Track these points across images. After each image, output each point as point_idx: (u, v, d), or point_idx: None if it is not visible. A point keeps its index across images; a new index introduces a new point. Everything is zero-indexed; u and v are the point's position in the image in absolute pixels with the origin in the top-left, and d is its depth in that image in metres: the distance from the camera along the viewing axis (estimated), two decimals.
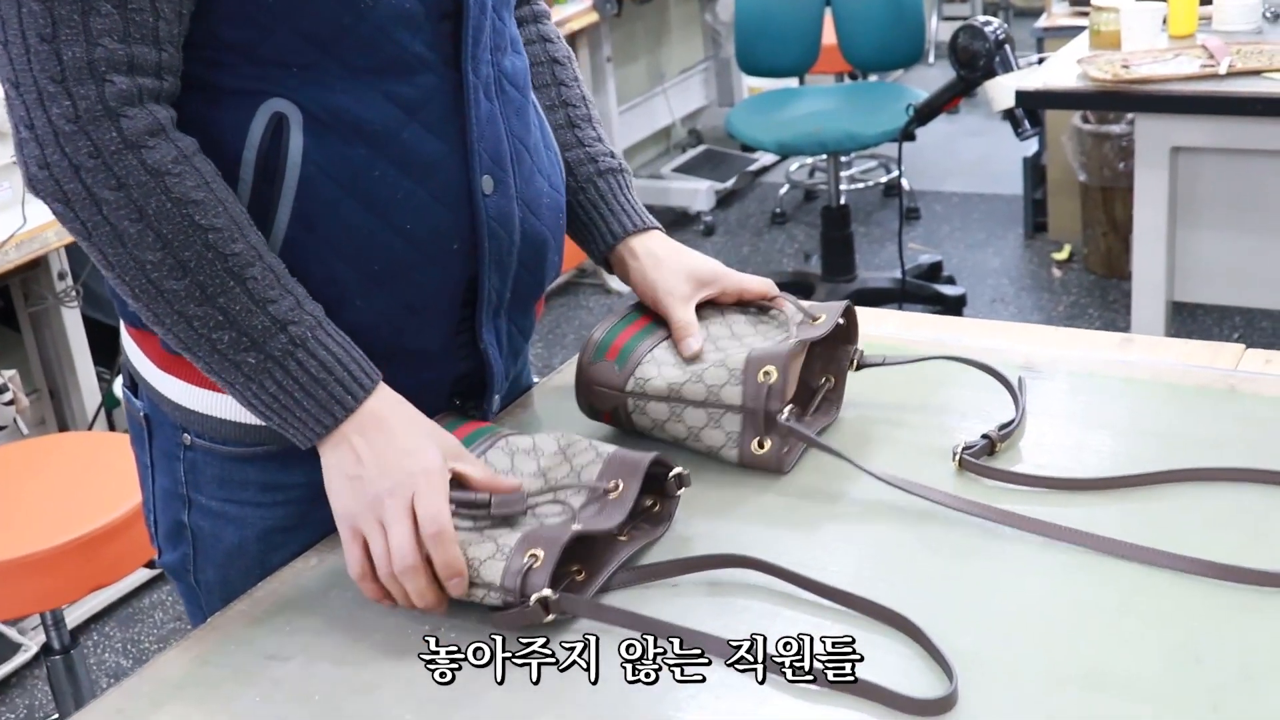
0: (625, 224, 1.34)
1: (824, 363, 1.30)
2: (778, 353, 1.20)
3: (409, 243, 1.14)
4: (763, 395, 1.19)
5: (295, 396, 1.08)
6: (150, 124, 1.05)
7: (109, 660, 2.88)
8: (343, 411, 1.08)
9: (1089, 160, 4.04)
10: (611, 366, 1.25)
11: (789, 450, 1.21)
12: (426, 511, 1.04)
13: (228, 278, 1.06)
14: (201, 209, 1.06)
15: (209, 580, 1.25)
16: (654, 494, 1.15)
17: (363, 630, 1.07)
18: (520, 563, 1.03)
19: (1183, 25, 2.94)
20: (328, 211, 1.12)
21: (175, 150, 1.06)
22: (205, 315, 1.06)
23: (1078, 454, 1.21)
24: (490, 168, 1.17)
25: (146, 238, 1.04)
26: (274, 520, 1.21)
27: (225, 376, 1.09)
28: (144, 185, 1.04)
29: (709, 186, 4.99)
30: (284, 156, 1.10)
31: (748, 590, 1.06)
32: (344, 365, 1.09)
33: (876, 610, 1.01)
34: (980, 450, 1.18)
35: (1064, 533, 1.08)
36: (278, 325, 1.07)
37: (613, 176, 1.36)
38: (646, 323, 1.30)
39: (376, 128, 1.12)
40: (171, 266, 1.05)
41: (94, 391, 3.06)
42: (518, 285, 1.24)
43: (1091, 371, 1.34)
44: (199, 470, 1.22)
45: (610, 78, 4.78)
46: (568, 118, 1.36)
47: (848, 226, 4.24)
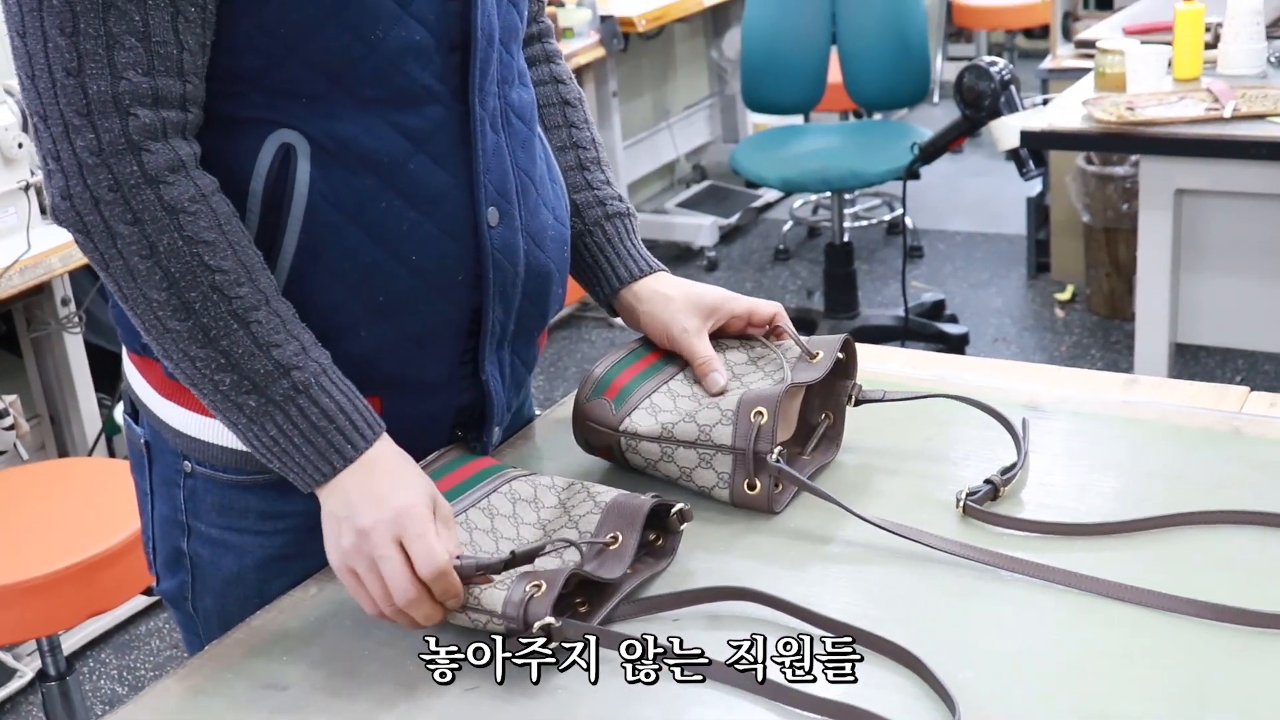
0: (631, 269, 1.34)
1: (823, 399, 1.30)
2: (770, 395, 1.20)
3: (414, 274, 1.14)
4: (753, 436, 1.19)
5: (295, 442, 1.08)
6: (171, 160, 1.05)
7: (104, 688, 2.87)
8: (341, 461, 1.08)
9: (1093, 201, 4.05)
10: (608, 405, 1.25)
11: (781, 490, 1.21)
12: (419, 551, 1.04)
13: (231, 320, 1.06)
14: (211, 250, 1.06)
15: (207, 608, 1.24)
16: (657, 529, 1.15)
17: (361, 661, 1.07)
18: (522, 592, 1.03)
19: (1188, 69, 2.95)
20: (333, 241, 1.12)
21: (194, 189, 1.06)
22: (208, 357, 1.06)
23: (1082, 495, 1.20)
24: (495, 199, 1.18)
25: (154, 275, 1.05)
26: (273, 549, 1.21)
27: (228, 416, 1.09)
28: (158, 221, 1.04)
29: (713, 222, 5.00)
30: (291, 187, 1.11)
31: (749, 623, 1.05)
32: (346, 414, 1.09)
33: (878, 643, 1.01)
34: (984, 496, 1.17)
35: (1067, 576, 1.07)
36: (280, 370, 1.07)
37: (620, 221, 1.36)
38: (652, 360, 1.30)
39: (383, 158, 1.12)
40: (176, 307, 1.05)
41: (95, 417, 3.05)
42: (521, 317, 1.24)
43: (1096, 412, 1.34)
44: (199, 498, 1.21)
45: (615, 112, 4.80)
46: (578, 160, 1.36)
47: (851, 264, 4.25)
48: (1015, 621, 1.04)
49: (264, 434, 1.08)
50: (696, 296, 1.31)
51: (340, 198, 1.11)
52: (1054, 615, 1.05)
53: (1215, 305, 2.88)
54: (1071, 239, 4.38)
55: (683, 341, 1.29)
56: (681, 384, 1.28)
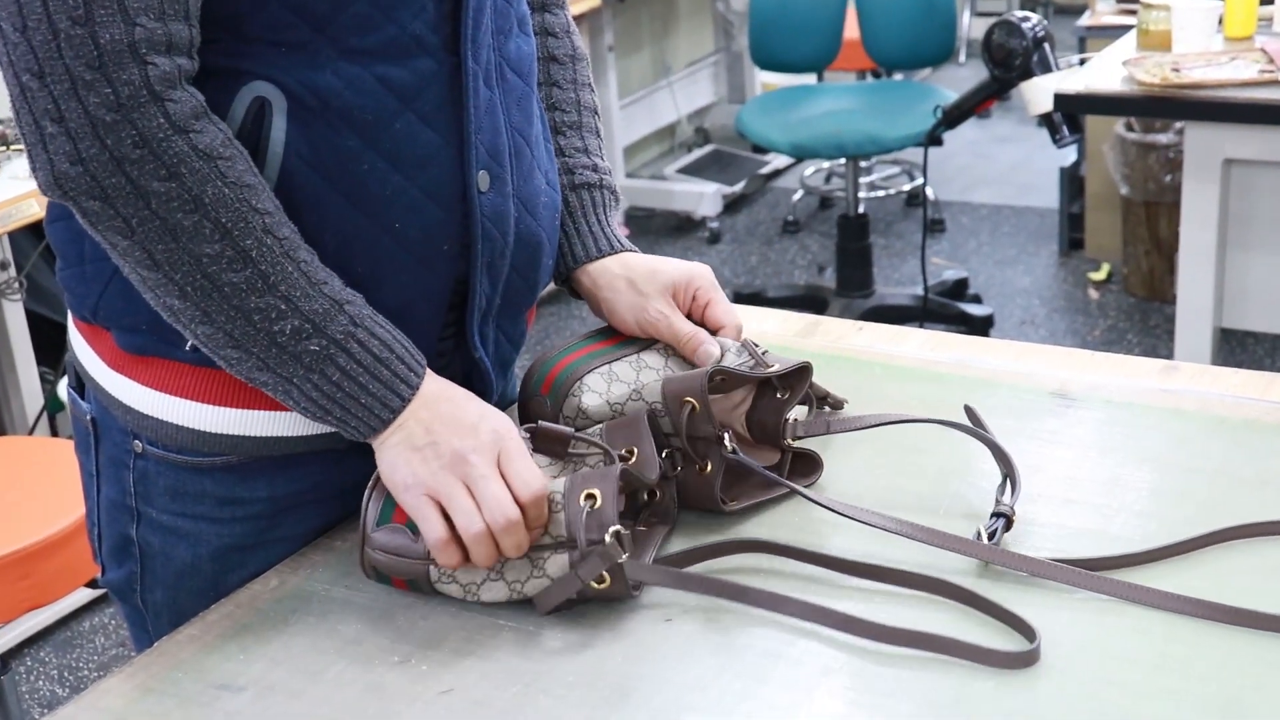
0: (589, 246, 1.33)
1: (764, 439, 1.25)
2: (692, 379, 1.18)
3: (396, 242, 1.14)
4: (683, 425, 1.17)
5: (360, 381, 1.10)
6: (195, 107, 1.06)
7: (43, 689, 2.87)
8: (408, 389, 1.11)
9: (1132, 172, 4.05)
10: (544, 402, 1.25)
11: (735, 495, 1.20)
12: (520, 472, 1.08)
13: (286, 262, 1.08)
14: (255, 193, 1.07)
15: (157, 601, 1.24)
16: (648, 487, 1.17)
17: (324, 661, 1.07)
18: (579, 505, 1.07)
19: (1241, 26, 2.95)
20: (309, 206, 1.12)
21: (221, 134, 1.07)
22: (268, 306, 1.07)
23: (1114, 490, 1.21)
24: (487, 162, 1.18)
25: (204, 228, 1.05)
26: (231, 538, 1.21)
27: (282, 373, 1.09)
28: (199, 172, 1.04)
29: (716, 190, 5.00)
30: (264, 145, 1.10)
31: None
32: (400, 342, 1.12)
33: (936, 585, 1.07)
34: (1000, 533, 1.14)
35: (1094, 581, 1.07)
36: (336, 305, 1.09)
37: (587, 192, 1.35)
38: (609, 344, 1.29)
39: (367, 116, 1.12)
40: (232, 257, 1.06)
41: (36, 394, 3.06)
42: (509, 290, 1.24)
43: (1131, 401, 1.34)
44: (150, 481, 1.21)
45: (611, 69, 4.79)
46: (552, 122, 1.36)
47: (866, 238, 4.25)
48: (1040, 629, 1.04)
49: (325, 381, 1.09)
50: (664, 274, 1.30)
51: (319, 158, 1.11)
52: (1081, 625, 1.05)
53: (1264, 287, 2.88)
54: (1108, 213, 4.39)
55: (658, 327, 1.28)
56: (627, 368, 1.26)
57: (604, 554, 1.06)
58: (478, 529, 1.07)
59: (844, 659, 1.03)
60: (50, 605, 2.45)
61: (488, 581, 1.10)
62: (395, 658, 1.06)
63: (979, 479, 1.23)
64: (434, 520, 1.08)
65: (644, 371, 1.25)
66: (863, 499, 1.19)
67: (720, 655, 1.04)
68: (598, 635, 1.07)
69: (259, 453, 1.18)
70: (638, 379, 1.24)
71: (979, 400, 1.31)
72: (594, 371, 1.25)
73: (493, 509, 1.07)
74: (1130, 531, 1.15)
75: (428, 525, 1.08)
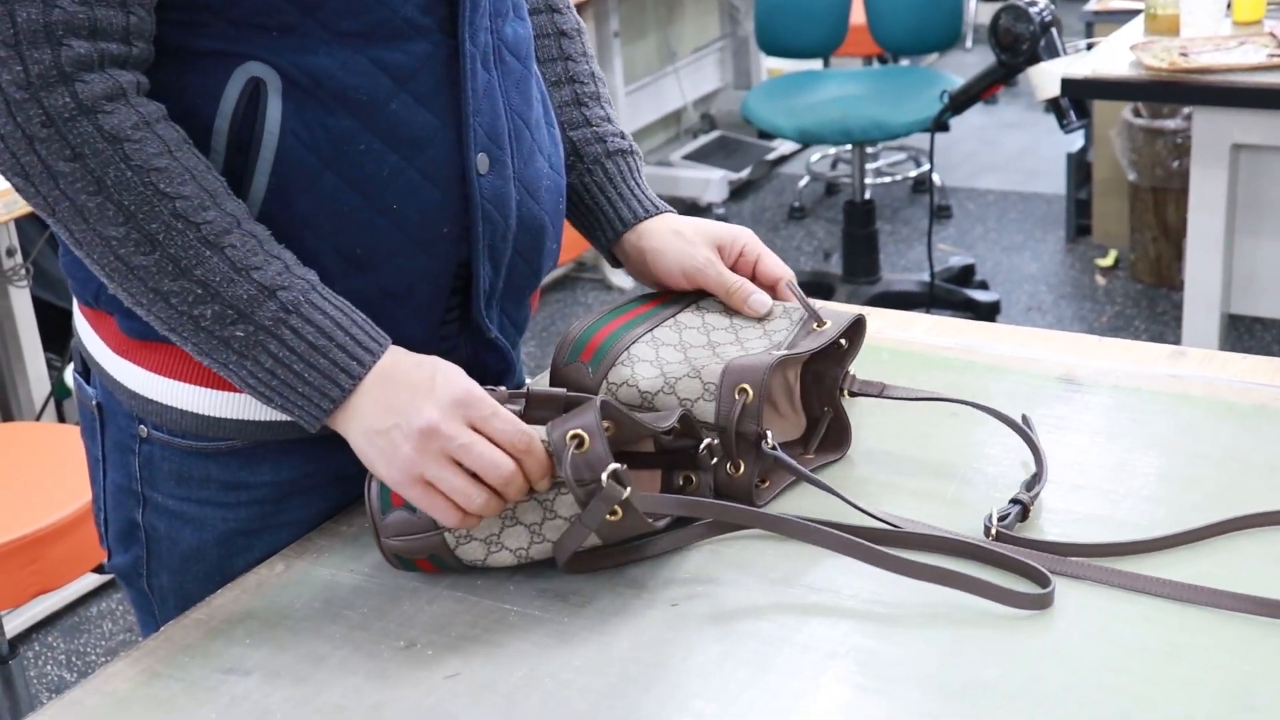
0: (636, 209, 1.34)
1: (820, 391, 1.28)
2: (756, 367, 1.17)
3: (395, 224, 1.14)
4: (735, 415, 1.16)
5: (294, 369, 1.07)
6: (109, 88, 1.05)
7: (51, 673, 2.88)
8: (349, 379, 1.08)
9: (1140, 158, 4.04)
10: (585, 369, 1.23)
11: (767, 485, 1.20)
12: (501, 426, 1.05)
13: (202, 247, 1.06)
14: (165, 177, 1.05)
15: (163, 586, 1.24)
16: (686, 468, 1.16)
17: (330, 645, 1.07)
18: (565, 448, 1.04)
19: (1250, 10, 2.94)
20: (306, 187, 1.11)
21: (136, 115, 1.05)
22: (183, 290, 1.06)
23: (1121, 475, 1.20)
24: (486, 145, 1.17)
25: (107, 211, 1.04)
26: (236, 522, 1.21)
27: (216, 357, 1.08)
28: (101, 154, 1.04)
29: (722, 176, 4.99)
30: (260, 126, 1.10)
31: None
32: (345, 329, 1.09)
33: (951, 545, 1.09)
34: (1014, 520, 1.14)
35: (1104, 574, 1.07)
36: (265, 292, 1.07)
37: (622, 159, 1.36)
38: (640, 312, 1.28)
39: (362, 97, 1.11)
40: (138, 241, 1.05)
41: (43, 379, 3.06)
42: (511, 275, 1.24)
43: (1139, 386, 1.34)
44: (155, 465, 1.21)
45: (616, 55, 4.78)
46: (575, 95, 1.36)
47: (872, 224, 4.24)
48: (1045, 616, 1.04)
49: (259, 368, 1.08)
50: (709, 229, 1.32)
51: (315, 139, 1.11)
52: (1090, 614, 1.05)
53: (1273, 273, 2.87)
54: (1115, 199, 4.38)
55: (706, 274, 1.28)
56: (669, 331, 1.25)
57: (605, 496, 1.04)
58: (479, 502, 1.06)
59: (851, 644, 1.03)
60: (58, 590, 2.46)
61: (505, 529, 1.09)
62: (401, 642, 1.06)
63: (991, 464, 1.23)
64: (439, 506, 1.07)
65: (685, 332, 1.24)
66: (879, 471, 1.22)
67: (725, 641, 1.04)
68: (604, 620, 1.07)
69: (262, 437, 1.18)
70: (681, 341, 1.23)
71: (986, 386, 1.31)
72: (640, 341, 1.23)
73: (487, 471, 1.05)
74: (1138, 517, 1.15)
75: (438, 511, 1.07)
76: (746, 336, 1.24)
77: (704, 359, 1.21)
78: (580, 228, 1.37)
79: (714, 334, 1.25)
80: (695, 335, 1.24)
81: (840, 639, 1.03)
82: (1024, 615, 1.04)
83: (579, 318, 1.27)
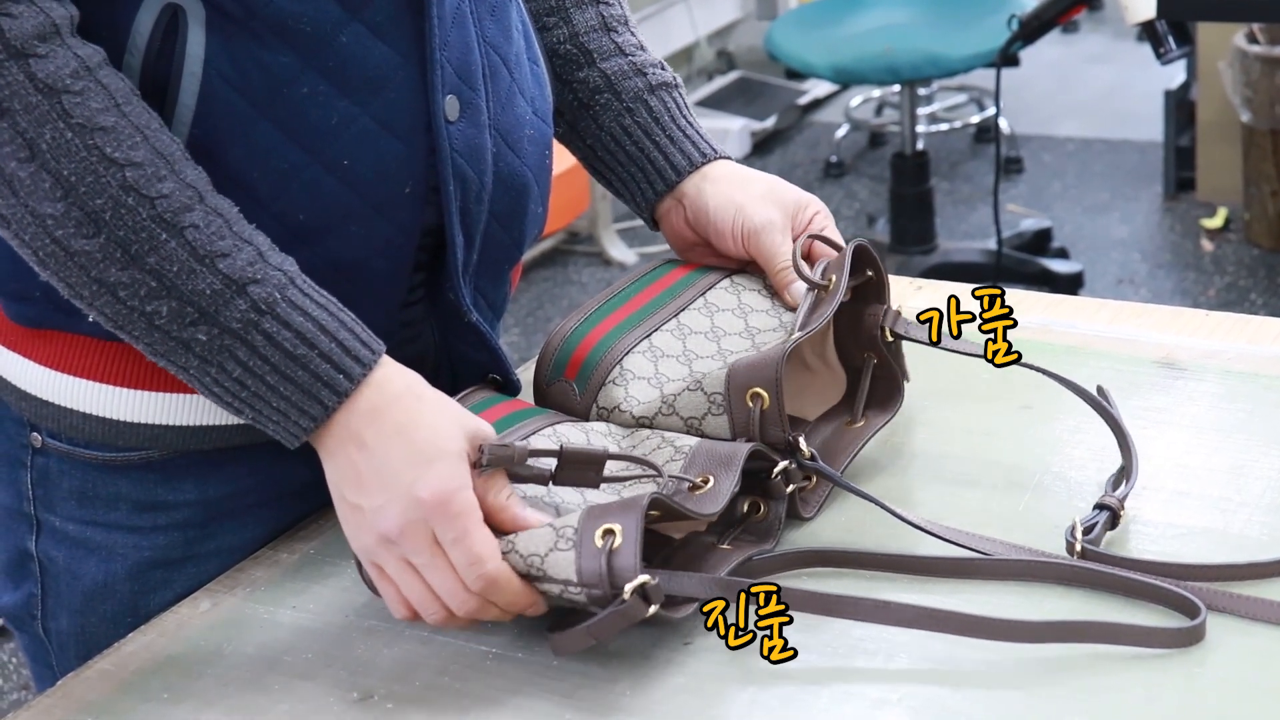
0: (692, 153, 1.34)
1: (856, 335, 1.28)
2: (766, 363, 1.17)
3: (345, 184, 1.14)
4: (756, 428, 1.17)
5: (268, 381, 1.07)
6: (40, 25, 1.04)
7: None
8: (334, 397, 1.07)
9: (1256, 95, 4.04)
10: (570, 390, 1.23)
11: (814, 485, 1.20)
12: (463, 559, 1.04)
13: (157, 228, 1.05)
14: (113, 138, 1.05)
15: (62, 630, 1.24)
16: (753, 494, 1.16)
17: (268, 699, 1.07)
18: (595, 547, 1.03)
19: None
20: (236, 139, 1.11)
21: (75, 60, 1.05)
22: (133, 282, 1.05)
23: (1236, 480, 1.21)
24: (456, 85, 1.17)
25: (42, 183, 1.04)
26: (152, 551, 1.21)
27: (175, 360, 1.08)
28: (34, 109, 1.03)
29: (743, 126, 5.00)
30: (178, 64, 1.10)
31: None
32: (330, 333, 1.08)
33: (1050, 571, 1.09)
34: (1100, 531, 1.14)
35: (1212, 597, 1.07)
36: (234, 286, 1.06)
37: (667, 93, 1.36)
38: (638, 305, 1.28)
39: (305, 27, 1.11)
40: (79, 220, 1.04)
41: None
42: (488, 243, 1.24)
43: (1256, 371, 1.34)
44: (52, 482, 1.21)
45: None
46: (601, 19, 1.36)
47: (926, 181, 4.25)
48: (1169, 658, 1.04)
49: (225, 378, 1.07)
50: (778, 188, 1.33)
51: (246, 79, 1.11)
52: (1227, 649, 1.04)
53: None
54: (1225, 146, 4.38)
55: (760, 239, 1.29)
56: (671, 338, 1.25)
57: (624, 614, 1.02)
58: (437, 619, 1.06)
59: (904, 690, 1.02)
60: None
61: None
62: (355, 694, 1.06)
63: (1074, 467, 1.23)
64: (390, 595, 1.07)
65: (690, 339, 1.24)
66: (941, 473, 1.24)
67: (750, 686, 1.04)
68: (602, 662, 1.07)
69: (185, 446, 1.18)
70: (685, 351, 1.23)
71: (1067, 372, 1.30)
72: (634, 351, 1.23)
73: (447, 599, 1.05)
74: (1256, 531, 1.15)
75: (386, 600, 1.08)
76: (755, 322, 1.26)
77: (706, 363, 1.22)
78: (615, 183, 1.37)
79: (719, 323, 1.26)
80: (701, 344, 1.25)
81: (890, 684, 1.03)
82: (1132, 655, 1.04)
83: (564, 316, 1.27)
